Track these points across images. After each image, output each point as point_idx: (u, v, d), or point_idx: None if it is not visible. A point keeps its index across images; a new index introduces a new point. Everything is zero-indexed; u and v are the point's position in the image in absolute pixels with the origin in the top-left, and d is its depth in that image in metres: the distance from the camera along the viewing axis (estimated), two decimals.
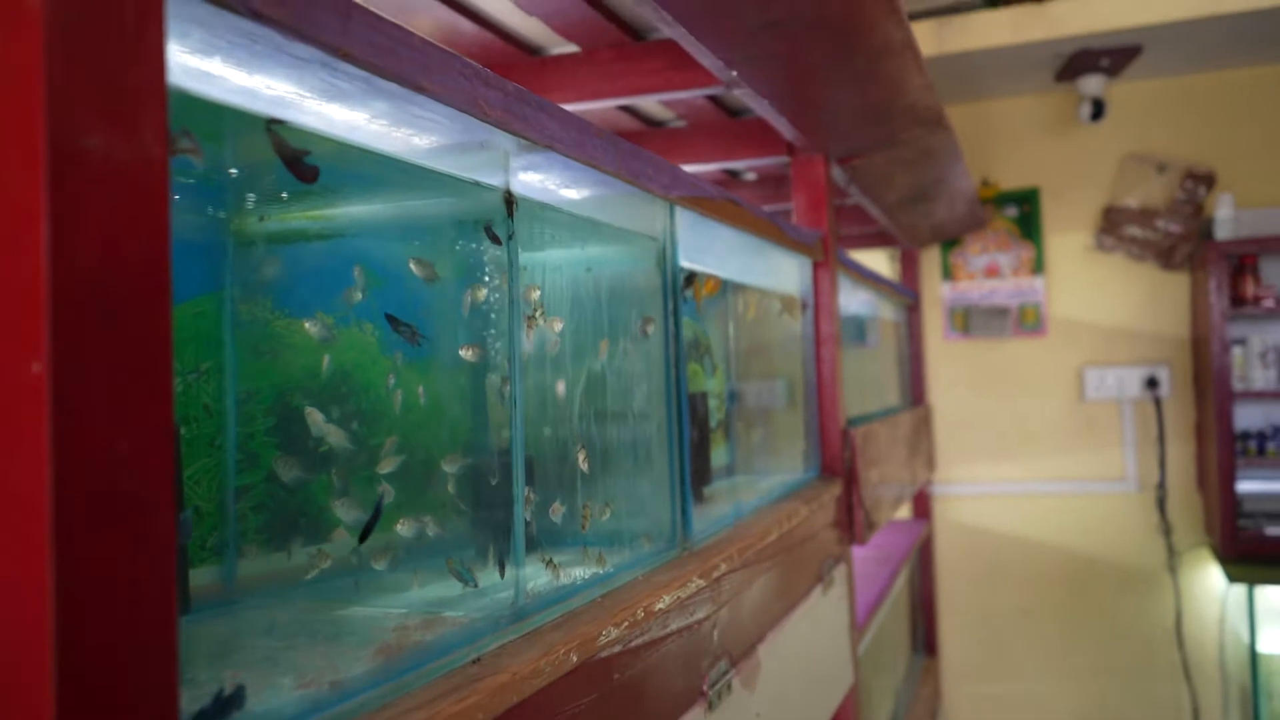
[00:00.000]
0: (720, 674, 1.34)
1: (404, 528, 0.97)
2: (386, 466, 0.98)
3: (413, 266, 0.95)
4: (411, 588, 0.97)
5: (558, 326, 1.13)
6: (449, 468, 0.98)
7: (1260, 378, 3.34)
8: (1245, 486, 3.35)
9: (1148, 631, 3.65)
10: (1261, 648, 3.16)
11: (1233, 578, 3.12)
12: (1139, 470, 3.66)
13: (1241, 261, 3.34)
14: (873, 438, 2.37)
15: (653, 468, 1.32)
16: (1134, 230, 3.64)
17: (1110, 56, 3.30)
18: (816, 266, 2.14)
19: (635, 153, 1.21)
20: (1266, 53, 3.40)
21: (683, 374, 1.37)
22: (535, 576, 1.07)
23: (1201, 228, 3.55)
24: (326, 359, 0.98)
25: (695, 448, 1.55)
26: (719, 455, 1.79)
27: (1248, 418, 3.46)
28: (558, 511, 1.09)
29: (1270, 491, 3.40)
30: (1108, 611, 3.70)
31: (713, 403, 1.72)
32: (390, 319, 0.87)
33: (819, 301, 2.14)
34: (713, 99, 2.04)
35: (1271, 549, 3.19)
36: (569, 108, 1.37)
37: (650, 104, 2.10)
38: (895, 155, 2.29)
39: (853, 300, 2.70)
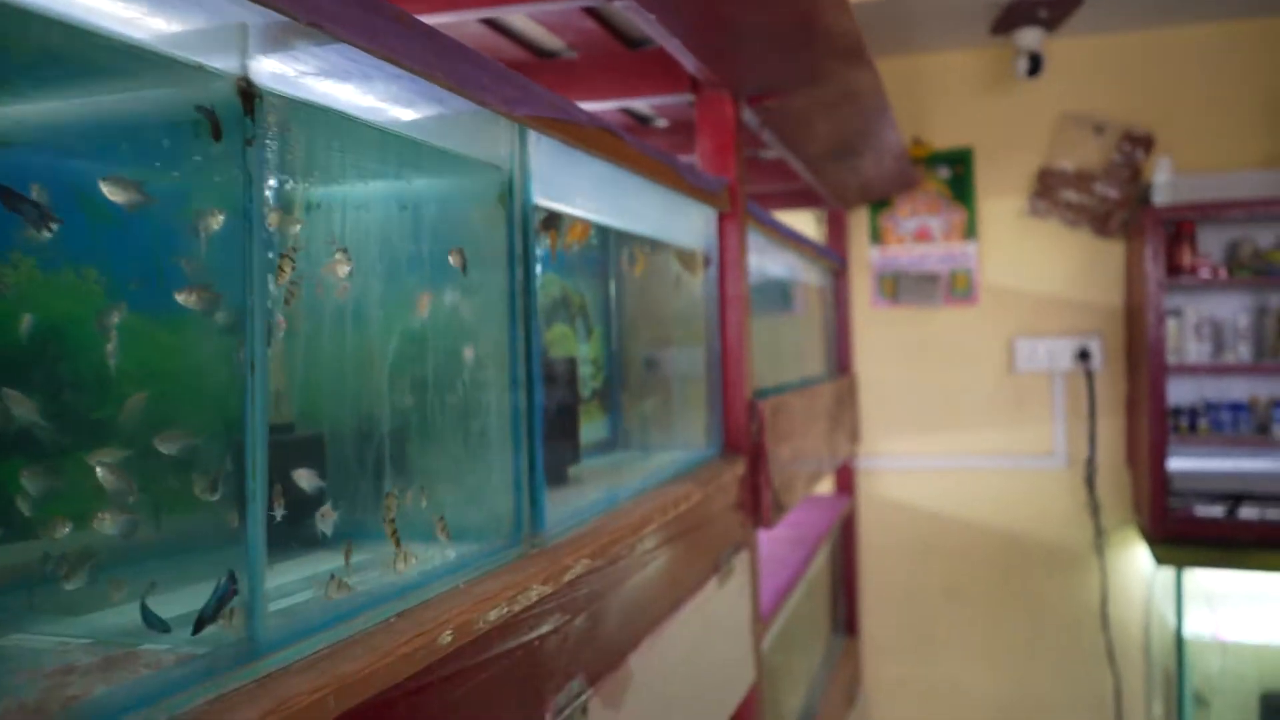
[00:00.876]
0: (572, 697, 1.11)
1: (107, 523, 0.72)
2: (106, 455, 0.74)
3: (105, 189, 0.69)
4: (109, 603, 0.73)
5: (343, 271, 0.88)
6: (166, 447, 0.73)
7: (1194, 351, 3.20)
8: (1175, 464, 3.22)
9: (1073, 613, 3.52)
10: (1188, 632, 3.04)
11: (1160, 560, 2.98)
12: (1068, 445, 3.52)
13: (1179, 229, 3.18)
14: (785, 410, 2.16)
15: (489, 448, 1.08)
16: (1069, 194, 3.47)
17: (1049, 7, 3.10)
18: (722, 218, 1.91)
19: (461, 52, 0.96)
20: (1209, 9, 3.23)
21: (534, 334, 1.13)
22: (298, 590, 0.83)
23: (1139, 193, 3.39)
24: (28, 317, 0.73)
25: (557, 422, 1.31)
26: (595, 429, 1.56)
27: (1180, 392, 3.32)
28: (329, 516, 0.84)
29: (1201, 470, 3.28)
30: (1033, 592, 3.57)
31: (587, 369, 1.49)
32: (3, 192, 0.62)
33: (725, 257, 1.91)
34: (605, 24, 1.78)
35: (1201, 530, 3.07)
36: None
37: (535, 29, 1.84)
38: (814, 97, 2.06)
39: (770, 261, 2.48)
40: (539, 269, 1.26)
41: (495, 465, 1.09)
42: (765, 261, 2.40)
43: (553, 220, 1.21)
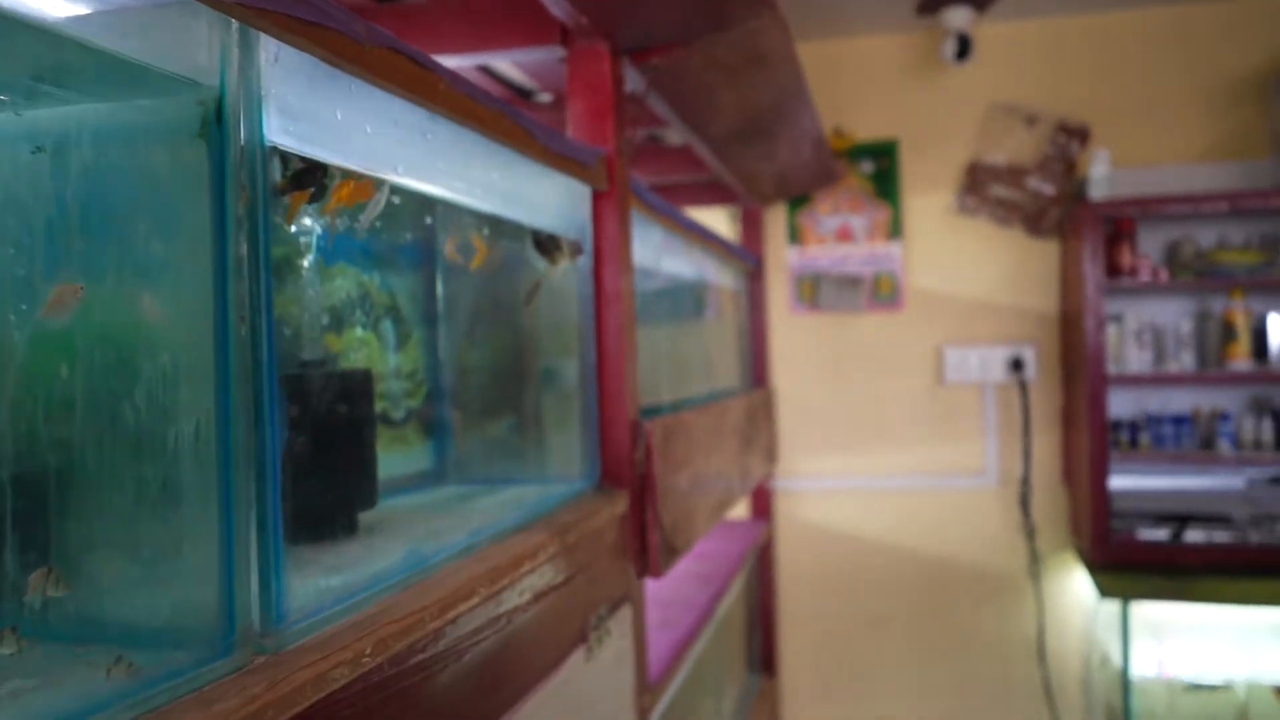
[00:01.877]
0: None
1: None
2: None
3: None
4: None
5: None
6: None
7: (1135, 359, 2.95)
8: (1115, 482, 2.96)
9: (1007, 645, 3.24)
10: (1135, 672, 2.77)
11: (1104, 591, 2.70)
12: (1001, 463, 3.25)
13: (1118, 227, 2.93)
14: (682, 430, 1.82)
15: (180, 504, 0.72)
16: (1000, 190, 3.20)
17: None
18: (598, 198, 1.56)
19: None
20: None
21: (266, 336, 0.77)
22: None
23: (1074, 188, 3.14)
24: None
25: (336, 453, 0.95)
26: (412, 459, 1.19)
27: (1119, 405, 3.07)
28: None
29: (1142, 488, 3.02)
30: (964, 623, 3.28)
31: (399, 385, 1.12)
32: None
33: (601, 246, 1.56)
34: None
35: (1144, 555, 2.81)
36: None
37: None
38: (713, 57, 1.73)
39: (668, 258, 2.14)
40: (310, 250, 0.90)
41: (191, 530, 0.72)
42: (662, 258, 2.07)
43: (309, 176, 0.85)
